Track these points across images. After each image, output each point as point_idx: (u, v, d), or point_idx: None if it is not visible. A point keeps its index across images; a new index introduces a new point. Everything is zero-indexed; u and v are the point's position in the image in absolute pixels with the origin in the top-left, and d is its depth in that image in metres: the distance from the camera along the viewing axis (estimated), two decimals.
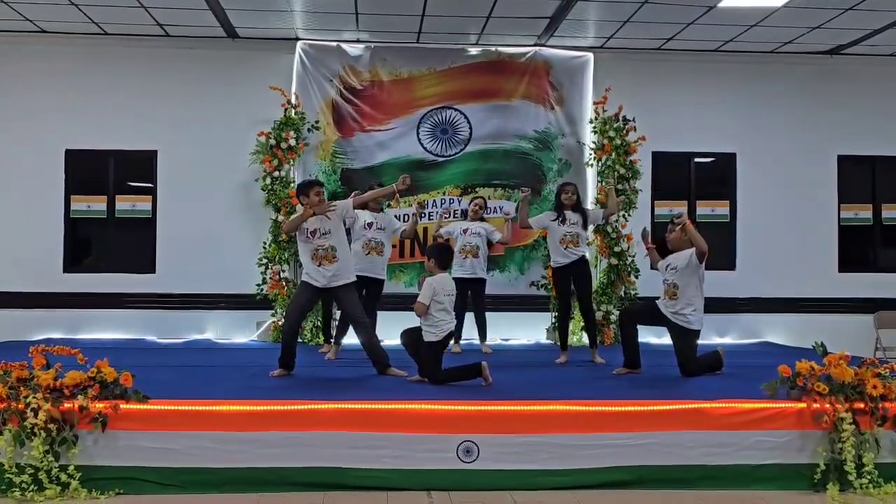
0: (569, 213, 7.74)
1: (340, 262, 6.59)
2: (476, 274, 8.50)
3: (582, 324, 8.58)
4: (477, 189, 10.37)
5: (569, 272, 7.78)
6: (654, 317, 6.85)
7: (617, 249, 9.86)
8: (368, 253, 7.75)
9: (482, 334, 8.78)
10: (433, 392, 5.60)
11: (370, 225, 7.83)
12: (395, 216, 10.25)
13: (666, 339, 7.27)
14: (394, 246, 10.08)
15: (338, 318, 8.19)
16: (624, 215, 9.82)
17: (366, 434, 4.85)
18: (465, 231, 8.60)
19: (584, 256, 7.80)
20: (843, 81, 10.91)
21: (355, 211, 7.28)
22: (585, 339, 8.50)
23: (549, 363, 7.89)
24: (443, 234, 8.66)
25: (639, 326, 7.03)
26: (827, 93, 10.91)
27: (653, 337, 8.91)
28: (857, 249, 11.04)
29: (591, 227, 8.01)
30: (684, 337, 6.73)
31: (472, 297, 8.58)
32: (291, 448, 4.81)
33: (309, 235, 6.57)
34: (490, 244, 8.71)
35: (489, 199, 10.27)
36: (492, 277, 9.35)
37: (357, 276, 7.59)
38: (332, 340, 8.10)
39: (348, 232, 7.39)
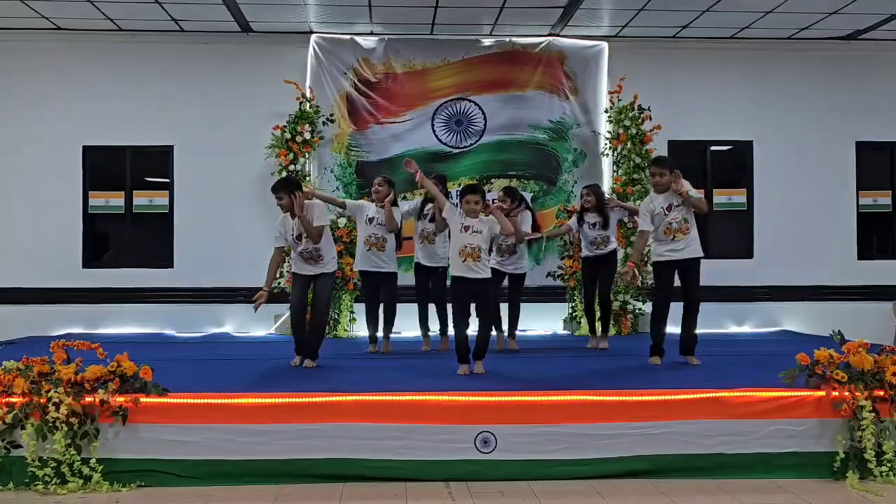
0: (589, 216, 7.99)
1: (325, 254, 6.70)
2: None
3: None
4: (492, 180, 10.34)
5: (597, 262, 8.07)
6: (673, 280, 6.79)
7: (633, 239, 9.81)
8: (369, 249, 7.71)
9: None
10: (450, 383, 5.61)
11: (371, 220, 7.78)
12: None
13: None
14: (410, 238, 10.10)
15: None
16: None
17: (384, 425, 4.86)
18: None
19: (611, 252, 8.03)
20: (861, 67, 10.81)
21: (360, 203, 7.80)
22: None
23: (566, 353, 7.90)
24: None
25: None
26: (844, 78, 10.81)
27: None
28: (876, 236, 10.97)
29: (614, 223, 8.02)
30: (699, 266, 6.71)
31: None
32: (310, 440, 4.83)
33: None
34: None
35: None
36: None
37: (362, 272, 7.91)
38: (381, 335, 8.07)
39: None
